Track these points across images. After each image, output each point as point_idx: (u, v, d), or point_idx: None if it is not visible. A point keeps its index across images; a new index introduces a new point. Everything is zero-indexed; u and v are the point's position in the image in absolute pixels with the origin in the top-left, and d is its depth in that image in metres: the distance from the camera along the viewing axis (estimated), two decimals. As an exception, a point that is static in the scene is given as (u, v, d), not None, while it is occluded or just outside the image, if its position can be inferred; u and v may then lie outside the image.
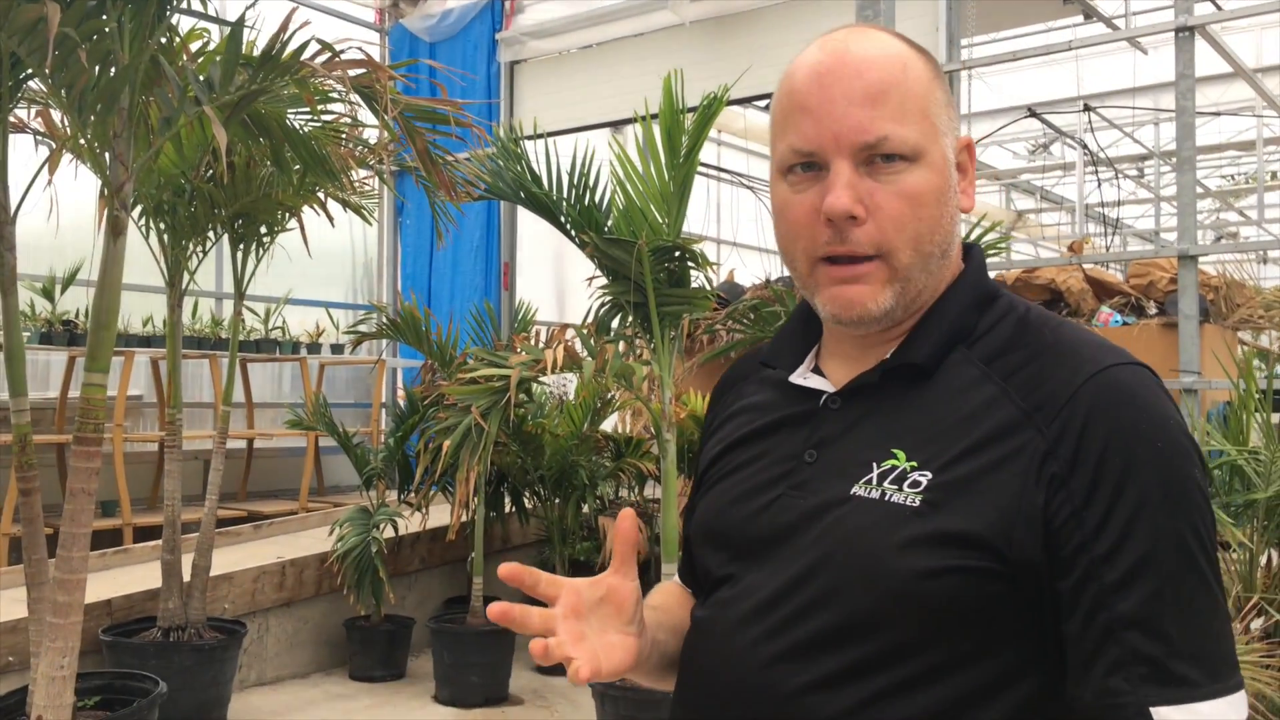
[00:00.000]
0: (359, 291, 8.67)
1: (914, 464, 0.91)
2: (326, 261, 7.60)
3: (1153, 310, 5.80)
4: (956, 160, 0.99)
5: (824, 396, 1.02)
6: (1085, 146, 8.78)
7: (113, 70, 2.22)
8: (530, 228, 8.26)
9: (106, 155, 2.41)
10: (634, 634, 0.97)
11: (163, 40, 2.43)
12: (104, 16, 2.18)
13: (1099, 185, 8.89)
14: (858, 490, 0.92)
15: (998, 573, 0.85)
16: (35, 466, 3.35)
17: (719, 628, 0.99)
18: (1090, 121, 7.70)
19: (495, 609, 0.89)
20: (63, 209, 3.57)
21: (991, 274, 4.38)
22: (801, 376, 1.06)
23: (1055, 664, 0.87)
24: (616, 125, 8.18)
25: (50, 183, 3.42)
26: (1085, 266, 5.99)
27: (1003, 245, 4.34)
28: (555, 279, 9.48)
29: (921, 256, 0.96)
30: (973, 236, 3.97)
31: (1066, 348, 0.92)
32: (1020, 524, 0.85)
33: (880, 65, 0.94)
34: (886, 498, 0.90)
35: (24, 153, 3.85)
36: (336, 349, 7.63)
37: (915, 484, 0.90)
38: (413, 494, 5.25)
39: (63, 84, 2.21)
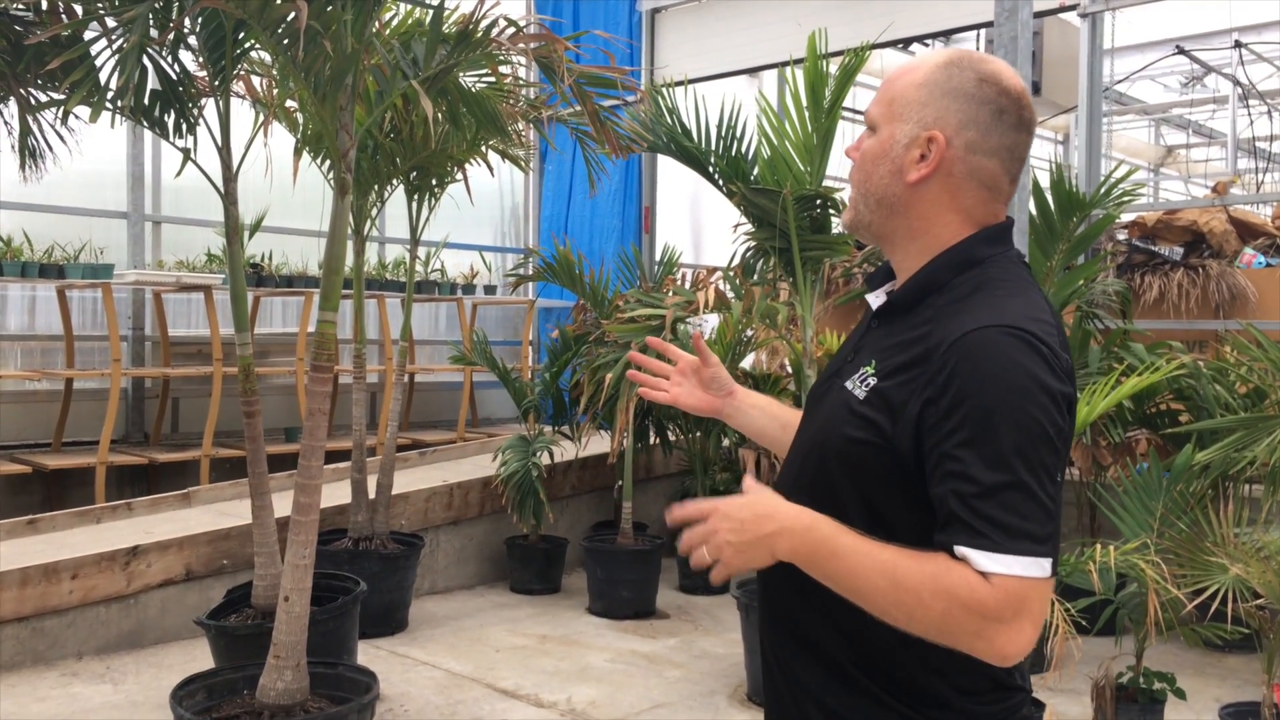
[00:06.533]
0: (507, 235, 9.13)
1: (875, 371, 1.33)
2: (479, 207, 8.04)
3: (1299, 251, 5.74)
4: (915, 144, 1.35)
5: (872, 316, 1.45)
6: (1238, 82, 8.52)
7: (339, 55, 2.60)
8: (667, 173, 8.52)
9: (336, 127, 2.80)
10: (716, 397, 1.71)
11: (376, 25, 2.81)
12: (329, 9, 2.56)
13: (1250, 122, 8.62)
14: (846, 383, 1.36)
15: (887, 450, 1.27)
16: (257, 393, 3.86)
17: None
18: (1242, 57, 7.48)
19: (653, 342, 1.60)
20: (245, 163, 3.88)
21: (1131, 216, 4.53)
22: (873, 296, 1.46)
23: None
24: (754, 72, 8.35)
25: (266, 144, 3.88)
26: (1230, 208, 5.94)
27: (1136, 194, 4.44)
28: (691, 222, 9.74)
29: (861, 194, 1.40)
30: (1104, 187, 4.10)
31: (973, 308, 1.28)
32: (903, 423, 1.26)
33: (893, 73, 1.41)
34: (851, 390, 1.34)
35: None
36: (489, 290, 8.11)
37: (868, 384, 1.32)
38: (568, 425, 5.68)
39: (303, 67, 2.61)
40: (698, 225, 9.77)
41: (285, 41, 2.58)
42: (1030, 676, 1.48)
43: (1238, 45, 7.61)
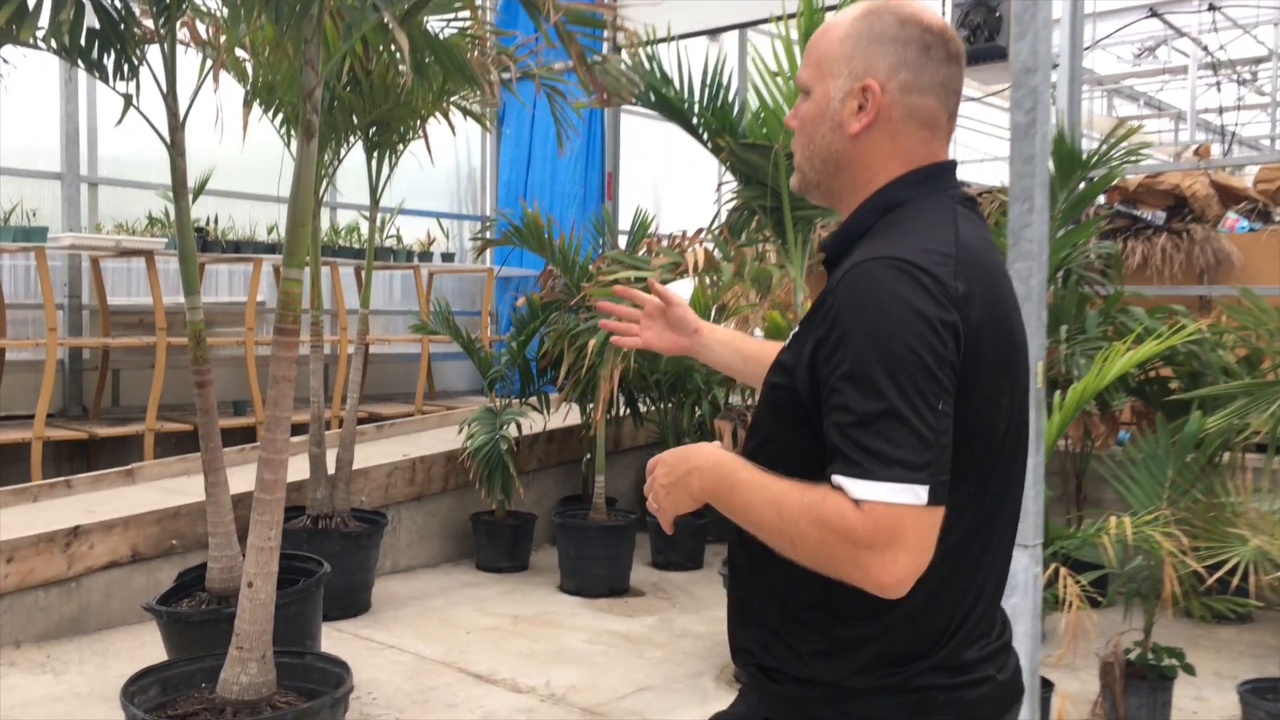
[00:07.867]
0: (464, 202, 8.80)
1: (803, 319, 1.36)
2: (435, 174, 7.71)
3: (1280, 216, 5.67)
4: (851, 96, 1.35)
5: None
6: (1206, 48, 8.45)
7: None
8: (628, 139, 8.25)
9: (301, 63, 2.52)
10: (683, 336, 1.79)
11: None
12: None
13: (1219, 88, 8.55)
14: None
15: (791, 389, 1.31)
16: (209, 361, 3.57)
17: None
18: (1215, 22, 7.39)
19: (619, 290, 1.88)
20: (189, 119, 3.57)
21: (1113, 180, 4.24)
22: None
23: None
24: (716, 33, 8.11)
25: (216, 90, 3.57)
26: (1211, 172, 5.85)
27: (1132, 159, 4.32)
28: (652, 190, 9.49)
29: (806, 157, 1.41)
30: (1108, 144, 3.95)
31: (869, 245, 1.29)
32: (802, 363, 1.29)
33: (815, 35, 1.41)
34: (784, 339, 1.40)
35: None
36: (447, 257, 7.80)
37: (794, 332, 1.38)
38: (536, 396, 5.43)
39: (265, -8, 2.33)
40: (659, 193, 9.53)
41: (246, -39, 2.30)
42: (1001, 662, 1.37)
43: (1212, 8, 7.52)
